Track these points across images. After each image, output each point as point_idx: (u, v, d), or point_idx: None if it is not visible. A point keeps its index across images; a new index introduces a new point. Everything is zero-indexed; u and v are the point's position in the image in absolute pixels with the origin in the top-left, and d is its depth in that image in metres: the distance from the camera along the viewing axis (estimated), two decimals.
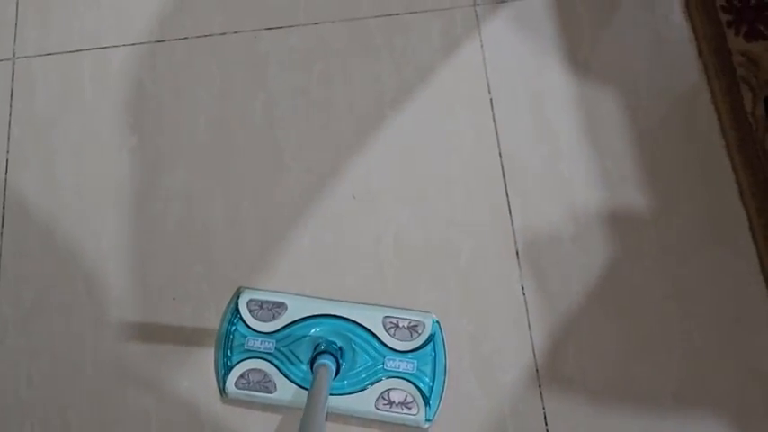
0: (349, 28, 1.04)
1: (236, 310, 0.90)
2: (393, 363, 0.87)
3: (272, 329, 0.89)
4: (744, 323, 0.90)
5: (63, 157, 1.02)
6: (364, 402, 0.86)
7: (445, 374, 0.88)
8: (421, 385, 0.87)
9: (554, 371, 0.89)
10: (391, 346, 0.88)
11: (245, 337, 0.89)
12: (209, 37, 1.06)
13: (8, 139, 1.03)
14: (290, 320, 0.89)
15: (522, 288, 0.92)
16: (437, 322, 0.90)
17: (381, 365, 0.87)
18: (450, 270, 0.93)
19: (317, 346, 0.87)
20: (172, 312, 0.94)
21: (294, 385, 0.87)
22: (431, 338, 0.88)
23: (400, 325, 0.89)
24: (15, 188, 1.00)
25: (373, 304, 0.91)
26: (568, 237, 0.94)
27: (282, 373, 0.87)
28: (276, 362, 0.88)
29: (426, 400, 0.86)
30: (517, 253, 0.94)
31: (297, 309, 0.90)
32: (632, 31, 1.01)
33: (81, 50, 1.07)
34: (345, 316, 0.89)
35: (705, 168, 0.95)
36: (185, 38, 1.06)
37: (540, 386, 0.89)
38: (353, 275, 0.94)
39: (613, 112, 0.98)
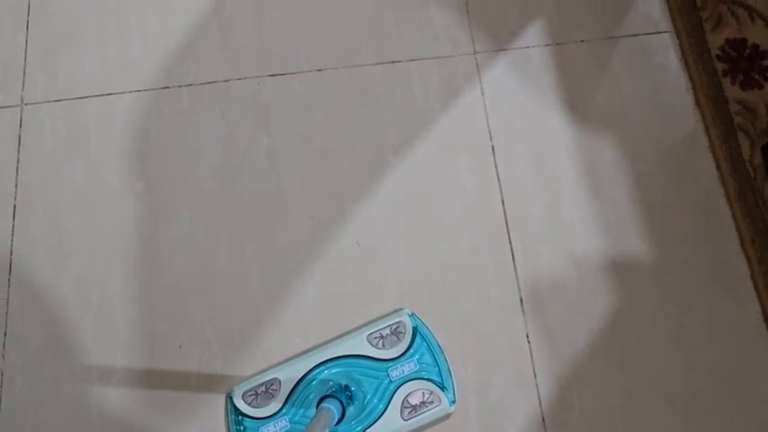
0: (351, 75, 1.06)
1: (236, 410, 0.89)
2: (396, 371, 0.89)
3: (278, 407, 0.89)
4: (747, 371, 0.90)
5: (70, 203, 1.02)
6: (393, 421, 0.87)
7: (443, 354, 0.90)
8: (430, 376, 0.89)
9: (560, 420, 0.90)
10: (386, 357, 0.89)
11: (258, 429, 0.88)
12: (214, 83, 1.07)
13: (16, 185, 1.03)
14: (289, 390, 0.89)
15: (527, 336, 0.93)
16: (412, 314, 0.92)
17: (388, 380, 0.88)
18: (455, 318, 0.94)
19: (323, 395, 0.87)
20: (178, 359, 0.95)
21: None
22: (415, 331, 0.91)
23: (384, 334, 0.91)
24: (23, 234, 1.01)
25: (350, 331, 0.93)
26: (571, 284, 0.95)
27: None
28: None
29: (441, 387, 0.88)
30: (521, 300, 0.95)
31: (289, 376, 0.90)
32: (630, 80, 1.03)
33: (88, 97, 1.07)
34: (333, 356, 0.90)
35: (705, 216, 0.97)
36: (190, 84, 1.07)
37: None
38: (358, 321, 0.94)
39: (613, 159, 1.00)
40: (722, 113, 0.98)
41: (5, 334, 0.96)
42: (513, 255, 0.96)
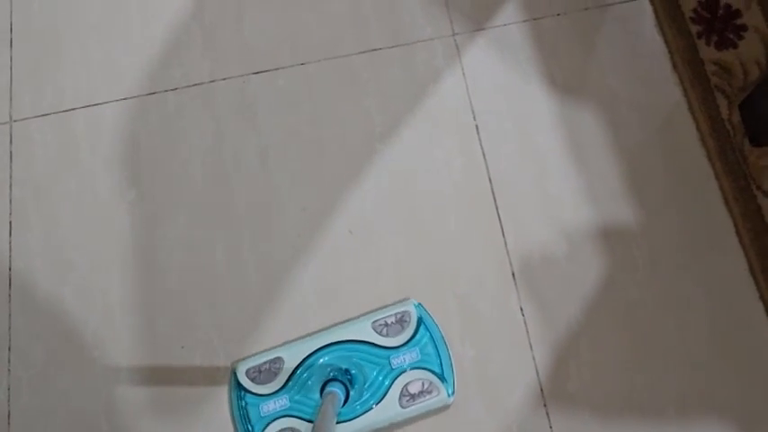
0: (334, 66, 1.07)
1: (239, 385, 0.91)
2: (398, 359, 0.90)
3: (280, 386, 0.90)
4: (739, 325, 0.92)
5: (65, 214, 1.03)
6: (390, 408, 0.88)
7: (447, 347, 0.91)
8: (431, 367, 0.89)
9: (558, 389, 0.91)
10: (389, 345, 0.90)
11: (258, 405, 0.89)
12: (199, 85, 1.08)
13: (10, 201, 1.04)
14: (292, 370, 0.90)
15: (521, 309, 0.94)
16: (419, 305, 0.93)
17: (389, 367, 0.89)
18: (450, 296, 0.95)
19: (326, 378, 0.89)
20: (182, 361, 0.95)
21: None
22: (420, 321, 0.91)
23: (389, 322, 0.91)
24: (20, 250, 1.01)
25: (357, 317, 0.94)
26: (562, 255, 0.96)
27: (307, 420, 0.88)
28: (296, 413, 0.89)
29: (441, 378, 0.89)
30: (513, 274, 0.96)
31: (292, 356, 0.91)
32: (608, 49, 1.04)
33: (75, 109, 1.08)
34: (337, 340, 0.91)
35: (688, 177, 0.98)
36: (175, 88, 1.08)
37: (545, 405, 0.91)
38: (357, 309, 0.95)
39: (595, 128, 1.01)
40: (699, 75, 0.99)
41: (10, 349, 0.97)
42: (503, 231, 0.97)
